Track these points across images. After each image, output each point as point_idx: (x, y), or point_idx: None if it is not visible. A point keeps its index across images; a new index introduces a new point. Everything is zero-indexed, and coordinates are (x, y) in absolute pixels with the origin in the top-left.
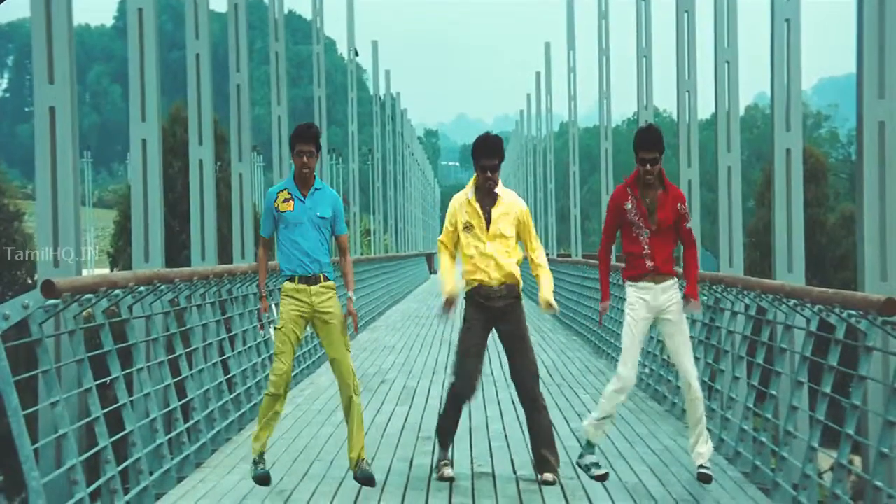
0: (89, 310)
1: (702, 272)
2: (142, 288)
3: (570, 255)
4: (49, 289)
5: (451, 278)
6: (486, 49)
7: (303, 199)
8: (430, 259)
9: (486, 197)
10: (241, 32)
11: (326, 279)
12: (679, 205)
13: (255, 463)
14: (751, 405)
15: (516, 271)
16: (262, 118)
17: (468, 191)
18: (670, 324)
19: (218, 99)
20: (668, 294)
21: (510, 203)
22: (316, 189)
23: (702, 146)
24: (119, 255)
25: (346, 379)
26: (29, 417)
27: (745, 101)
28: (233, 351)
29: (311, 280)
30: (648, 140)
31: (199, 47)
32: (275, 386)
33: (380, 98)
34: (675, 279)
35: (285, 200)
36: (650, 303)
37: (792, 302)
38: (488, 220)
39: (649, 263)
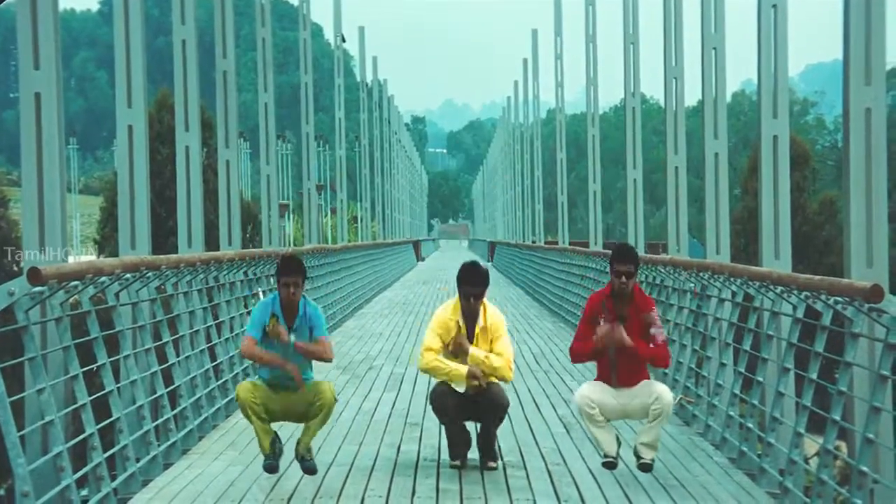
0: (76, 297)
1: (689, 259)
2: (128, 275)
3: (556, 243)
4: (35, 276)
5: (452, 364)
6: (474, 35)
7: (289, 329)
8: (418, 246)
9: (469, 320)
10: (227, 18)
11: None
12: (645, 316)
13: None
14: (737, 391)
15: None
16: (248, 104)
17: (457, 314)
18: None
19: (204, 85)
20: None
21: (491, 322)
22: (300, 316)
23: (689, 133)
24: (105, 241)
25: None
26: (15, 404)
27: (732, 88)
28: (219, 338)
29: (289, 388)
30: (624, 253)
31: (185, 33)
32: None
33: (367, 84)
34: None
35: (274, 326)
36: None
37: (779, 289)
38: (471, 340)
39: (614, 379)
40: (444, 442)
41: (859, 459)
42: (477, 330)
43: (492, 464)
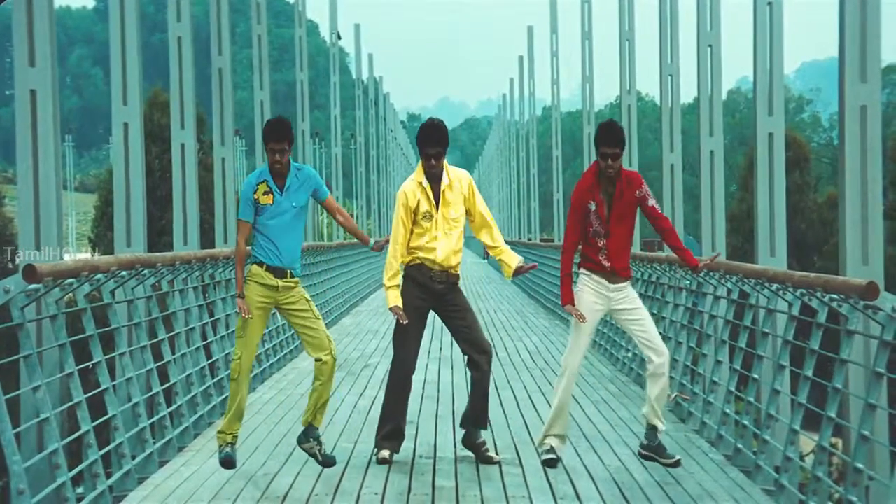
0: (71, 294)
1: None
2: (124, 272)
3: (552, 240)
4: (31, 273)
5: (396, 291)
6: (470, 32)
7: (280, 192)
8: None
9: (434, 182)
10: (223, 15)
11: (292, 276)
12: (637, 191)
13: (221, 448)
14: (733, 389)
15: (458, 260)
16: (244, 102)
17: (420, 176)
18: (627, 311)
19: (199, 82)
20: (620, 294)
21: (454, 179)
22: (291, 177)
23: (684, 130)
24: (100, 239)
25: (322, 342)
26: (10, 402)
27: (728, 86)
28: (215, 335)
29: (278, 272)
30: (610, 135)
31: (180, 30)
32: (233, 371)
33: (362, 82)
34: (629, 281)
35: (265, 193)
36: (602, 294)
37: (774, 286)
38: (437, 204)
39: (606, 263)
40: (440, 439)
41: (855, 457)
42: (443, 187)
43: (491, 454)
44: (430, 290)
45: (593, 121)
